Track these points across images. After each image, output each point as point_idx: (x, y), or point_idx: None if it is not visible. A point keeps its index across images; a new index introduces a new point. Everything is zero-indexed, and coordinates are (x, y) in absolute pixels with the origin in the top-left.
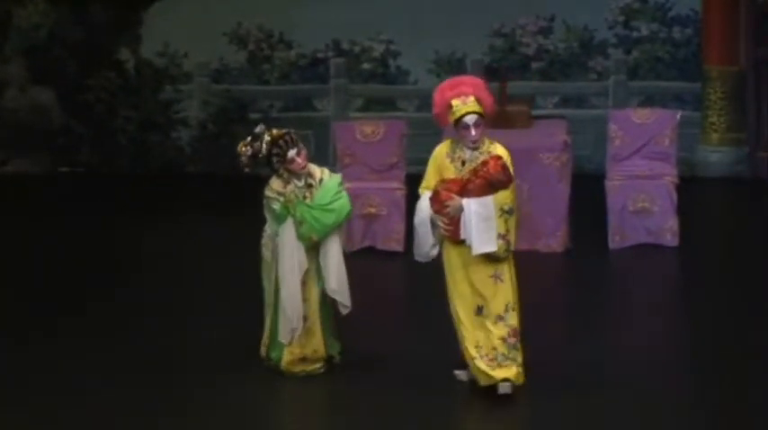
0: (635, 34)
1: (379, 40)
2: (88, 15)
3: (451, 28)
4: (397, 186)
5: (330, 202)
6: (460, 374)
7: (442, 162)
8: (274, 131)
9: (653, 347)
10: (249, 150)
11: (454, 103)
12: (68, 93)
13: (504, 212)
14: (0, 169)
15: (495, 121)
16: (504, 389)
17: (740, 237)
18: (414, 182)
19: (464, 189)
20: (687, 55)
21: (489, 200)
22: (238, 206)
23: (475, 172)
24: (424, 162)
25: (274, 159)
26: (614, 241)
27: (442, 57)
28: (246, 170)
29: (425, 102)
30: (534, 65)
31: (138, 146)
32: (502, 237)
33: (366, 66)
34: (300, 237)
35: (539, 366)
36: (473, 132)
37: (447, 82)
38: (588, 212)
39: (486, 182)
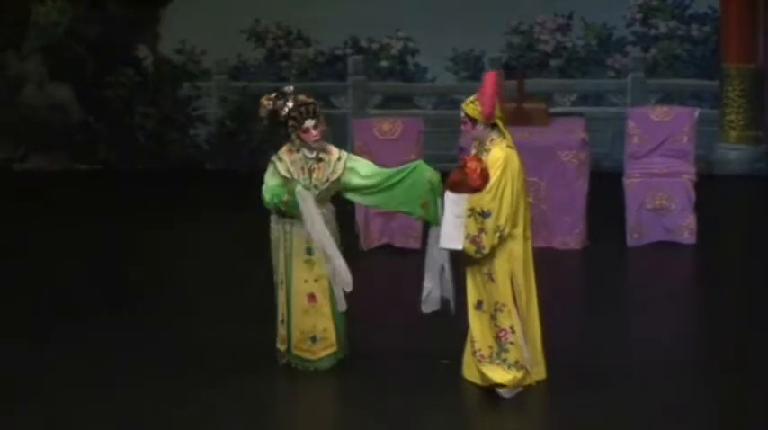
0: (653, 32)
1: (397, 37)
2: (106, 12)
3: (469, 25)
4: None
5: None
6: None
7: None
8: (300, 97)
9: (670, 344)
10: (271, 104)
11: None
12: (86, 90)
13: (476, 214)
14: (18, 166)
15: (512, 119)
16: (503, 393)
17: (758, 235)
18: None
19: (448, 184)
20: (705, 52)
21: (463, 198)
22: (256, 203)
23: (456, 168)
24: (442, 159)
25: (290, 122)
26: (632, 239)
27: (459, 54)
28: (264, 122)
29: (443, 99)
30: (552, 62)
31: (155, 143)
32: (472, 238)
33: (384, 63)
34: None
35: (556, 363)
36: (462, 127)
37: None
38: (606, 210)
39: (457, 181)
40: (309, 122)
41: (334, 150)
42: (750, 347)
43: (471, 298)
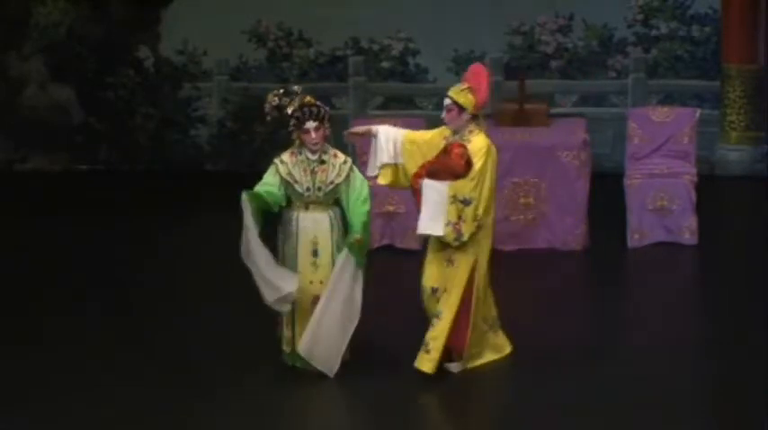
0: (654, 32)
1: (398, 38)
2: (107, 13)
3: (470, 26)
4: None
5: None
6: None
7: (438, 140)
8: (307, 98)
9: (671, 346)
10: (276, 101)
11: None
12: (87, 90)
13: (458, 201)
14: (19, 166)
15: (513, 120)
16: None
17: (759, 236)
18: None
19: (428, 170)
20: (706, 53)
21: (443, 185)
22: None
23: (439, 154)
24: None
25: (292, 121)
26: (633, 240)
27: (460, 55)
28: (267, 118)
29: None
30: (553, 63)
31: (156, 144)
32: (452, 224)
33: (385, 64)
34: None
35: (558, 363)
36: (443, 114)
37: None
38: (607, 211)
39: (441, 167)
40: (311, 124)
41: (340, 154)
42: (750, 347)
43: (426, 284)
